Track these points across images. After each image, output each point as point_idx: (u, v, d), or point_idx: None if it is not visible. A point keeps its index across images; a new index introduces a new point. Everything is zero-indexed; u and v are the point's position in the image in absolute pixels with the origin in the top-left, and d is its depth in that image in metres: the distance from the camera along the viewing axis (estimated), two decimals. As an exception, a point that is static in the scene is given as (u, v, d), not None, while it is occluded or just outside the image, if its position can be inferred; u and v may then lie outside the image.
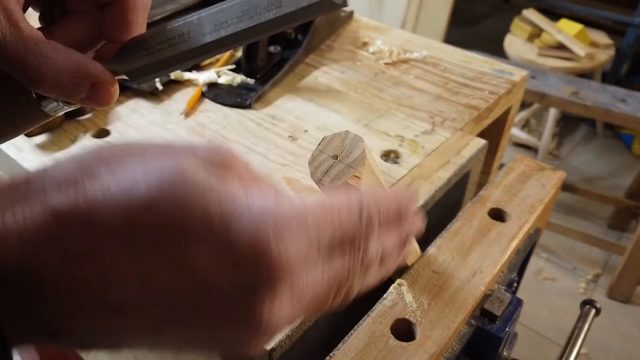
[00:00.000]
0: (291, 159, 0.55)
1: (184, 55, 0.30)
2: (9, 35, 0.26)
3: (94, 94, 0.29)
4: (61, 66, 0.27)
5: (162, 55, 0.30)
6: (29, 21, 0.27)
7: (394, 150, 0.57)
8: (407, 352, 0.37)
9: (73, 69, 0.28)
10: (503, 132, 0.73)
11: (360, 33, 0.81)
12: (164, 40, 0.31)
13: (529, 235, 0.50)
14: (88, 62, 0.29)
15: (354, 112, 0.62)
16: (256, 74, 0.66)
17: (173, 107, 0.62)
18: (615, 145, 2.60)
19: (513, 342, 0.51)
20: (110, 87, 0.30)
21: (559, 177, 0.54)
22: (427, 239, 0.55)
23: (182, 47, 0.30)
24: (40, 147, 0.55)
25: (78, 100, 0.29)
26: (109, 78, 0.30)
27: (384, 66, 0.72)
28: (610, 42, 2.32)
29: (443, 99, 0.65)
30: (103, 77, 0.29)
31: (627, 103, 1.65)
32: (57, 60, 0.27)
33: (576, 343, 0.52)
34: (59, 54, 0.27)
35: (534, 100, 1.71)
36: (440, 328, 0.38)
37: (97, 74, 0.29)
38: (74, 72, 0.28)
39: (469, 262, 0.44)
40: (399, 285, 0.42)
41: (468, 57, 0.75)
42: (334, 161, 0.32)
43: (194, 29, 0.30)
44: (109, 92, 0.30)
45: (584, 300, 0.56)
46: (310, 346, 0.42)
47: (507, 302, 0.43)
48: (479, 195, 0.51)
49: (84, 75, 0.28)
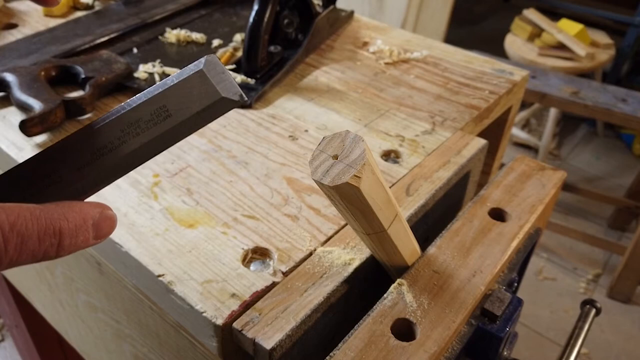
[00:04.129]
0: (291, 159, 0.55)
1: (60, 198, 0.25)
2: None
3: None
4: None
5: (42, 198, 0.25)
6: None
7: (394, 150, 0.57)
8: (408, 352, 0.37)
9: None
10: (503, 132, 0.73)
11: (360, 33, 0.81)
12: (23, 187, 0.25)
13: (530, 235, 0.50)
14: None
15: (355, 112, 0.62)
16: (256, 73, 0.66)
17: (173, 106, 0.62)
18: (615, 145, 2.60)
19: (513, 342, 0.51)
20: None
21: (559, 177, 0.54)
22: (427, 239, 0.55)
23: (51, 190, 0.25)
24: (41, 146, 0.55)
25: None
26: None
27: (385, 66, 0.72)
28: (610, 42, 2.32)
29: (443, 98, 0.65)
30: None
31: (627, 103, 1.65)
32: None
33: (576, 343, 0.52)
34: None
35: (535, 100, 1.71)
36: (441, 328, 0.38)
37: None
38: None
39: (469, 262, 0.44)
40: (399, 285, 0.42)
41: (468, 57, 0.75)
42: (334, 161, 0.32)
43: (61, 164, 0.25)
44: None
45: (584, 300, 0.56)
46: (310, 346, 0.42)
47: (508, 302, 0.43)
48: (480, 195, 0.51)
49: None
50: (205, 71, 0.25)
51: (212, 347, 0.40)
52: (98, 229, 0.26)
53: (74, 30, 0.74)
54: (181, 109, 0.25)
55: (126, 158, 0.25)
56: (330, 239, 0.46)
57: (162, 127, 0.25)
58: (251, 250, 0.44)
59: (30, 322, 1.10)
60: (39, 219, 0.23)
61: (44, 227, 0.23)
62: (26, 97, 0.57)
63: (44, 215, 0.23)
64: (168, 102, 0.25)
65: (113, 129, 0.25)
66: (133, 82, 0.64)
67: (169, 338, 0.48)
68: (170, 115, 0.25)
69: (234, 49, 0.74)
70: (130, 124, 0.25)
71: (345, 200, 0.33)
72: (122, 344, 0.60)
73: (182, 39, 0.74)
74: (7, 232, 0.21)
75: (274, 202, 0.49)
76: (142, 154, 0.25)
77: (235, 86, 0.25)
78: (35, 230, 0.23)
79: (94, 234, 0.25)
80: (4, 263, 0.22)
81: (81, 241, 0.25)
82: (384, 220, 0.36)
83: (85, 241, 0.25)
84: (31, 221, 0.22)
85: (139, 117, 0.25)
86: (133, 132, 0.25)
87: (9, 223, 0.22)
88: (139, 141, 0.25)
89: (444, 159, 0.56)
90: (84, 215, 0.25)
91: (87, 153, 0.25)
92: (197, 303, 0.39)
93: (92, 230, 0.25)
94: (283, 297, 0.40)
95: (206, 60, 0.25)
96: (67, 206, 0.24)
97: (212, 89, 0.25)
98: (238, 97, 0.25)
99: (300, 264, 0.43)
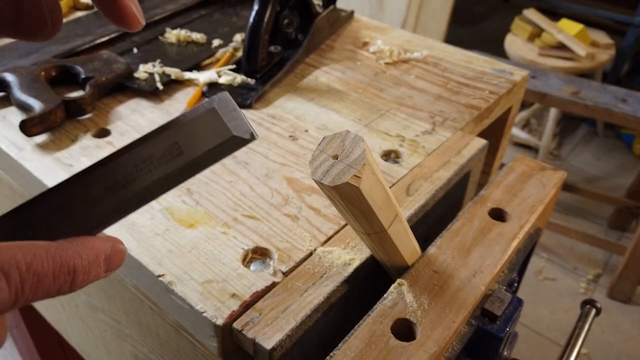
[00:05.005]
0: (291, 159, 0.55)
1: (72, 232, 0.25)
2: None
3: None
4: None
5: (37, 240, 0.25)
6: None
7: (395, 150, 0.57)
8: (408, 352, 0.37)
9: None
10: (503, 132, 0.73)
11: (360, 33, 0.81)
12: (36, 222, 0.25)
13: (530, 235, 0.50)
14: None
15: (355, 112, 0.62)
16: (257, 73, 0.66)
17: (174, 106, 0.62)
18: (615, 145, 2.60)
19: (513, 342, 0.51)
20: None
21: (559, 177, 0.54)
22: (427, 239, 0.55)
23: (63, 225, 0.25)
24: (41, 146, 0.55)
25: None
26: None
27: (385, 66, 0.72)
28: (610, 42, 2.32)
29: (443, 98, 0.65)
30: None
31: (627, 103, 1.65)
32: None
33: (577, 343, 0.52)
34: None
35: (535, 100, 1.71)
36: (441, 328, 0.38)
37: None
38: None
39: (470, 262, 0.44)
40: (400, 285, 0.42)
41: (468, 57, 0.75)
42: (334, 161, 0.32)
43: (74, 199, 0.25)
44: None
45: (585, 300, 0.56)
46: (310, 346, 0.42)
47: (508, 302, 0.43)
48: (480, 195, 0.51)
49: None
50: (217, 109, 0.25)
51: (212, 347, 0.40)
52: (109, 263, 0.26)
53: (74, 30, 0.74)
54: (193, 146, 0.25)
55: (138, 194, 0.25)
56: (331, 239, 0.46)
57: (174, 164, 0.25)
58: (251, 250, 0.44)
59: (30, 322, 1.10)
60: (54, 258, 0.23)
61: (59, 265, 0.23)
62: (26, 97, 0.57)
63: (58, 254, 0.24)
64: (180, 139, 0.25)
65: (126, 165, 0.25)
66: (133, 82, 0.64)
67: (169, 338, 0.48)
68: (182, 152, 0.25)
69: (234, 49, 0.74)
70: (143, 160, 0.25)
71: (345, 201, 0.33)
72: (122, 344, 0.60)
73: (182, 39, 0.74)
74: (24, 272, 0.22)
75: (274, 202, 0.49)
76: (154, 190, 0.25)
77: (246, 124, 0.25)
78: (51, 269, 0.23)
79: (105, 267, 0.26)
80: (20, 302, 0.22)
81: (93, 276, 0.25)
82: (384, 220, 0.36)
83: (97, 275, 0.26)
84: (47, 260, 0.23)
85: (152, 154, 0.25)
86: (146, 168, 0.25)
87: (25, 263, 0.22)
88: (151, 178, 0.25)
89: (444, 159, 0.56)
90: (97, 251, 0.25)
91: (101, 188, 0.25)
92: (197, 303, 0.39)
93: (104, 265, 0.26)
94: (283, 297, 0.40)
95: (219, 98, 0.25)
96: (80, 243, 0.25)
97: (224, 127, 0.25)
98: (249, 136, 0.25)
99: (300, 264, 0.43)
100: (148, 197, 0.26)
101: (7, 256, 0.22)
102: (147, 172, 0.25)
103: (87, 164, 0.52)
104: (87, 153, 0.54)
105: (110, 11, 0.29)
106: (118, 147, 0.55)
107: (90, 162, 0.53)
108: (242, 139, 0.25)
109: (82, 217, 0.25)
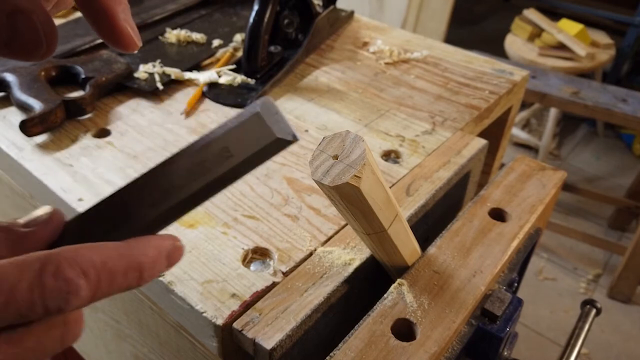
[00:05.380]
0: (291, 159, 0.55)
1: (135, 232, 0.27)
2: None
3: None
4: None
5: (105, 240, 0.27)
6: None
7: (395, 150, 0.57)
8: (408, 352, 0.37)
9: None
10: (503, 132, 0.73)
11: (360, 33, 0.81)
12: (104, 223, 0.27)
13: (530, 235, 0.50)
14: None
15: (355, 112, 0.62)
16: (257, 73, 0.66)
17: (174, 106, 0.62)
18: (615, 145, 2.60)
19: (513, 342, 0.51)
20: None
21: (559, 177, 0.54)
22: (427, 239, 0.55)
23: (128, 226, 0.27)
24: (41, 146, 0.55)
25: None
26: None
27: (385, 66, 0.72)
28: (610, 42, 2.32)
29: (443, 98, 0.65)
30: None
31: (627, 103, 1.65)
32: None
33: (577, 343, 0.52)
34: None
35: (535, 100, 1.71)
36: (441, 328, 0.38)
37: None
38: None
39: (470, 262, 0.44)
40: (400, 285, 0.42)
41: (468, 57, 0.75)
42: (334, 161, 0.32)
43: (136, 202, 0.27)
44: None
45: (585, 300, 0.56)
46: (310, 346, 0.42)
47: (508, 302, 0.43)
48: (480, 195, 0.51)
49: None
50: (261, 113, 0.27)
51: (212, 347, 0.40)
52: (170, 259, 0.28)
53: (74, 30, 0.74)
54: (241, 149, 0.26)
55: (193, 196, 0.27)
56: (331, 239, 0.46)
57: (224, 167, 0.27)
58: (251, 251, 0.44)
59: (30, 322, 1.10)
60: (124, 257, 0.26)
61: (129, 263, 0.26)
62: (26, 97, 0.57)
63: (128, 253, 0.26)
64: (229, 143, 0.27)
65: (181, 169, 0.27)
66: (133, 82, 0.64)
67: (169, 338, 0.48)
68: (231, 155, 0.27)
69: (234, 49, 0.74)
70: (196, 164, 0.27)
71: (345, 201, 0.33)
72: (122, 344, 0.60)
73: (182, 39, 0.74)
74: (100, 270, 0.24)
75: (274, 202, 0.49)
76: (206, 192, 0.27)
77: (288, 127, 0.27)
78: (122, 267, 0.25)
79: (166, 263, 0.28)
80: (96, 298, 0.25)
81: (157, 271, 0.28)
82: (384, 220, 0.36)
83: (160, 271, 0.28)
84: (118, 259, 0.25)
85: (205, 158, 0.27)
86: (199, 172, 0.27)
87: (101, 263, 0.24)
88: (204, 180, 0.27)
89: (444, 159, 0.56)
90: (160, 249, 0.27)
91: (159, 191, 0.27)
92: (197, 303, 0.39)
93: (166, 261, 0.28)
94: (283, 297, 0.40)
95: (262, 103, 0.27)
96: (145, 241, 0.27)
97: (268, 130, 0.26)
98: (291, 137, 0.27)
99: (300, 264, 0.43)
100: (200, 200, 0.28)
101: (85, 257, 0.24)
102: (201, 176, 0.27)
103: (87, 164, 0.52)
104: (87, 153, 0.54)
105: (106, 33, 0.30)
106: (118, 147, 0.55)
107: (90, 162, 0.53)
108: (285, 140, 0.27)
109: (144, 218, 0.27)
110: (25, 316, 0.23)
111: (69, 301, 0.23)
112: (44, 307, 0.23)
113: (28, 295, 0.22)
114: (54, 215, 0.27)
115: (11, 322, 0.23)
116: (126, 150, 0.55)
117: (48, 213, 0.27)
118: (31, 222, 0.27)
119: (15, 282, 0.22)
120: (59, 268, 0.23)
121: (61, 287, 0.23)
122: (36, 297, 0.23)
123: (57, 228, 0.27)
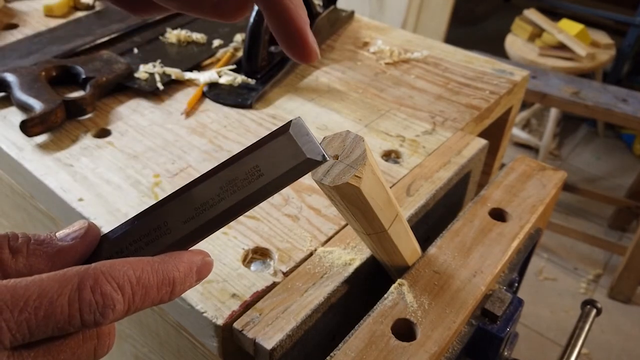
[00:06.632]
0: (292, 159, 0.55)
1: (168, 248, 0.28)
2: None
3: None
4: None
5: (139, 254, 0.28)
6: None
7: (395, 150, 0.57)
8: (408, 352, 0.37)
9: None
10: (504, 132, 0.73)
11: (361, 33, 0.81)
12: (138, 238, 0.28)
13: (530, 235, 0.50)
14: None
15: (355, 112, 0.62)
16: (257, 74, 0.66)
17: (174, 106, 0.62)
18: (616, 146, 2.59)
19: (514, 342, 0.51)
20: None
21: (559, 177, 0.54)
22: (428, 239, 0.55)
23: (161, 241, 0.28)
24: (41, 147, 0.55)
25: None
26: None
27: (385, 66, 0.72)
28: (611, 42, 2.32)
29: (444, 98, 0.65)
30: None
31: (628, 103, 1.65)
32: None
33: (577, 343, 0.52)
34: None
35: (535, 100, 1.71)
36: (441, 328, 0.38)
37: None
38: None
39: (470, 262, 0.44)
40: (400, 285, 0.42)
41: (469, 57, 0.75)
42: (334, 161, 0.32)
43: (169, 218, 0.28)
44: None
45: (585, 300, 0.56)
46: (310, 346, 0.42)
47: (508, 302, 0.43)
48: (480, 195, 0.51)
49: None
50: (292, 134, 0.27)
51: (213, 347, 0.40)
52: (200, 274, 0.29)
53: (74, 31, 0.74)
54: (271, 168, 0.27)
55: (224, 213, 0.28)
56: (331, 239, 0.46)
57: (254, 185, 0.27)
58: (251, 251, 0.44)
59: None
60: (158, 272, 0.26)
61: (162, 278, 0.27)
62: (27, 97, 0.57)
63: (161, 268, 0.27)
64: (260, 162, 0.27)
65: (213, 187, 0.28)
66: (133, 82, 0.64)
67: (170, 338, 0.48)
68: (262, 174, 0.27)
69: (234, 49, 0.74)
70: (228, 182, 0.28)
71: (345, 201, 0.33)
72: (122, 344, 0.60)
73: (182, 39, 0.74)
74: (135, 285, 0.25)
75: (274, 202, 0.49)
76: (237, 209, 0.28)
77: (318, 147, 0.28)
78: (155, 282, 0.26)
79: (196, 277, 0.29)
80: (131, 311, 0.25)
81: (187, 286, 0.28)
82: (384, 220, 0.36)
83: (190, 285, 0.29)
84: (152, 274, 0.26)
85: (236, 176, 0.27)
86: (230, 189, 0.27)
87: (135, 277, 0.25)
88: (235, 198, 0.27)
89: (445, 159, 0.56)
90: (190, 264, 0.28)
91: (191, 208, 0.28)
92: (197, 303, 0.39)
93: (196, 275, 0.29)
94: (283, 297, 0.40)
95: (293, 124, 0.28)
96: (177, 257, 0.28)
97: (299, 150, 0.27)
98: (321, 158, 0.27)
99: (300, 264, 0.43)
100: (231, 217, 0.28)
101: (120, 272, 0.25)
102: (232, 194, 0.28)
103: (87, 164, 0.52)
104: (88, 153, 0.54)
105: (293, 48, 0.31)
106: (118, 147, 0.55)
107: (90, 162, 0.53)
108: (315, 160, 0.27)
109: (176, 234, 0.28)
110: (63, 329, 0.23)
111: (105, 315, 0.24)
112: (82, 320, 0.23)
113: (67, 310, 0.23)
114: (89, 230, 0.28)
115: (49, 335, 0.23)
116: (126, 151, 0.55)
117: (84, 227, 0.28)
118: (68, 235, 0.28)
119: (56, 296, 0.23)
120: (97, 283, 0.24)
121: (99, 301, 0.24)
122: (75, 311, 0.23)
123: (93, 242, 0.28)
